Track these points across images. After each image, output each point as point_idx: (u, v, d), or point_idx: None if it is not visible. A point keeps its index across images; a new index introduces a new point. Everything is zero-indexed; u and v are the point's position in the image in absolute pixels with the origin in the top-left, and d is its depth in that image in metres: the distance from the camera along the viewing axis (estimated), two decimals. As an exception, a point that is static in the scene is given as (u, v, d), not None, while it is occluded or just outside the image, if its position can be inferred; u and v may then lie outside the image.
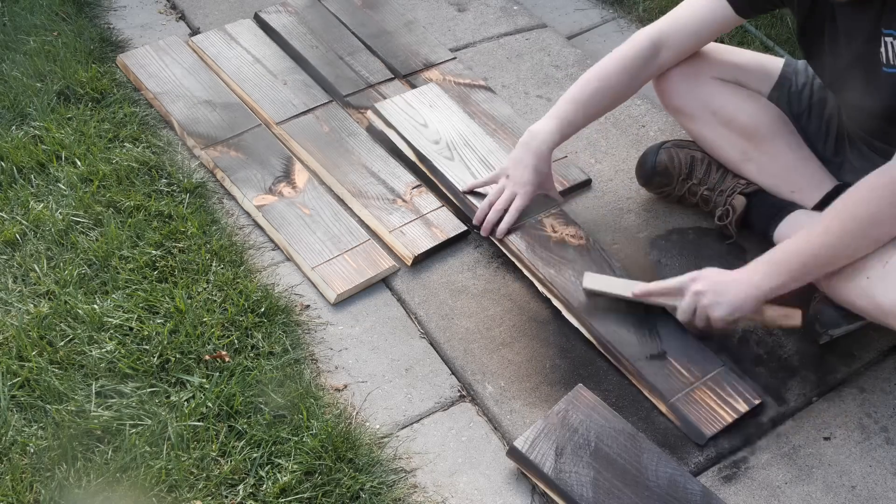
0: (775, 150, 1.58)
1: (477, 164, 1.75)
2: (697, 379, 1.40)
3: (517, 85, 2.05)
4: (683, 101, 1.63)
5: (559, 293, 1.51)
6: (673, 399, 1.37)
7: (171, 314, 1.45)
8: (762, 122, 1.58)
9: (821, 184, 1.56)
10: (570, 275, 1.53)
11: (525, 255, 1.57)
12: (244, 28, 2.13)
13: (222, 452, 1.28)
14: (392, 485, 1.27)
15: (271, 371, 1.39)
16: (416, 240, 1.63)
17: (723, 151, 1.64)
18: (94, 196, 1.66)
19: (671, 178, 1.69)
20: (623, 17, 2.35)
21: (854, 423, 1.40)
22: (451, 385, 1.44)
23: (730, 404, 1.37)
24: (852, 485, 1.32)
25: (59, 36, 2.06)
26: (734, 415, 1.36)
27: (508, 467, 1.32)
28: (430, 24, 2.24)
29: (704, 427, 1.35)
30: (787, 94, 1.61)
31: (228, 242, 1.61)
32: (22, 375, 1.35)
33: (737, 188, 1.63)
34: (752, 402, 1.38)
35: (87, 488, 1.22)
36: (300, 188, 1.73)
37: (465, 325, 1.52)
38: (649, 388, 1.40)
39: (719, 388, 1.40)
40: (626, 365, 1.42)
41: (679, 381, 1.40)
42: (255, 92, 1.94)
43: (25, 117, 1.84)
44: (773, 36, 2.20)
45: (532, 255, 1.57)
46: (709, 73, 1.60)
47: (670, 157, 1.69)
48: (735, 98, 1.59)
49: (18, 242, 1.58)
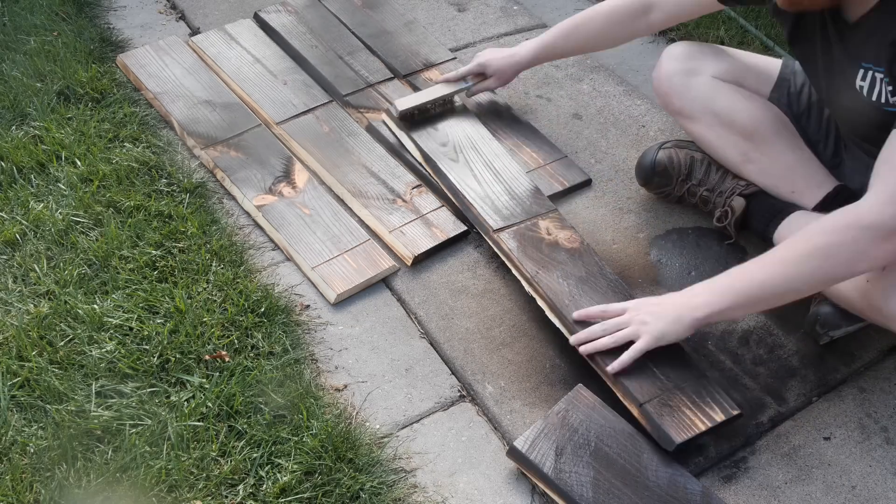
0: (775, 150, 1.58)
1: (482, 167, 1.75)
2: (675, 386, 1.35)
3: (517, 85, 2.05)
4: (683, 102, 1.63)
5: (543, 291, 1.49)
6: (645, 403, 1.32)
7: (171, 314, 1.45)
8: (762, 123, 1.58)
9: (821, 184, 1.56)
10: (558, 276, 1.51)
11: (515, 254, 1.56)
12: (244, 28, 2.13)
13: (222, 452, 1.28)
14: (392, 485, 1.27)
15: (271, 371, 1.39)
16: (416, 240, 1.63)
17: (723, 152, 1.64)
18: (94, 196, 1.66)
19: (670, 178, 1.69)
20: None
21: (854, 423, 1.40)
22: (451, 385, 1.44)
23: (706, 413, 1.32)
24: (852, 485, 1.32)
25: (59, 36, 2.06)
26: (708, 423, 1.31)
27: (508, 467, 1.32)
28: (430, 24, 2.24)
29: (675, 433, 1.29)
30: (786, 95, 1.61)
31: (228, 242, 1.61)
32: (22, 375, 1.35)
33: (736, 189, 1.62)
34: (730, 412, 1.33)
35: (87, 488, 1.22)
36: (300, 188, 1.73)
37: (465, 325, 1.52)
38: (623, 391, 1.34)
39: (697, 396, 1.34)
40: (603, 367, 1.36)
41: (655, 386, 1.34)
42: (255, 92, 1.94)
43: (25, 117, 1.84)
44: (773, 36, 2.21)
45: (522, 255, 1.56)
46: (708, 72, 1.60)
47: (669, 157, 1.69)
48: (735, 99, 1.59)
49: (18, 242, 1.58)
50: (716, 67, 1.61)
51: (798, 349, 1.50)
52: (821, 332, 1.45)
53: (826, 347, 1.49)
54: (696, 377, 1.37)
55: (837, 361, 1.48)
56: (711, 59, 1.61)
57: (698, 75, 1.61)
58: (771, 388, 1.44)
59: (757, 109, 1.59)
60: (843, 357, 1.49)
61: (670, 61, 1.63)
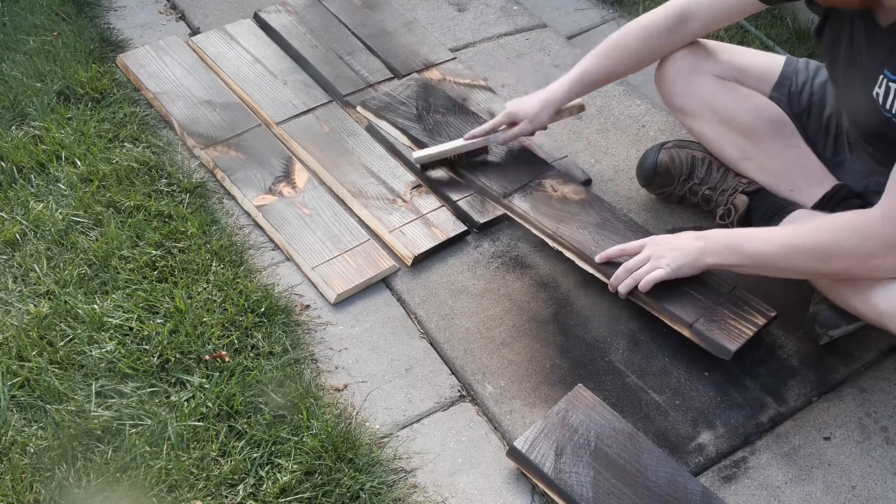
0: (775, 148, 1.58)
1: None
2: (714, 303, 1.45)
3: (517, 85, 2.04)
4: (684, 99, 1.63)
5: (569, 243, 1.56)
6: (694, 323, 1.42)
7: (171, 314, 1.45)
8: (762, 121, 1.58)
9: (820, 183, 1.56)
10: (577, 226, 1.59)
11: (530, 214, 1.62)
12: (244, 28, 2.13)
13: (222, 452, 1.28)
14: (392, 485, 1.27)
15: (271, 371, 1.39)
16: (415, 240, 1.63)
17: (723, 150, 1.64)
18: (94, 196, 1.66)
19: (672, 178, 1.69)
20: (623, 17, 2.35)
21: (854, 423, 1.40)
22: (451, 385, 1.44)
23: (749, 320, 1.43)
24: (852, 485, 1.32)
25: (59, 36, 2.06)
26: (754, 328, 1.42)
27: (508, 467, 1.32)
28: (430, 24, 2.24)
29: (728, 343, 1.39)
30: (787, 93, 1.61)
31: (228, 242, 1.61)
32: (22, 375, 1.35)
33: (738, 187, 1.63)
34: (769, 314, 1.45)
35: (87, 488, 1.22)
36: (300, 188, 1.73)
37: (465, 325, 1.52)
38: (670, 316, 1.44)
39: (736, 307, 1.45)
40: (646, 300, 1.46)
41: (697, 306, 1.45)
42: (255, 92, 1.94)
43: (25, 117, 1.84)
44: (773, 36, 2.20)
45: (537, 214, 1.62)
46: (710, 70, 1.60)
47: (671, 157, 1.69)
48: (735, 96, 1.59)
49: (18, 242, 1.58)
50: (717, 65, 1.60)
51: (798, 349, 1.50)
52: (820, 332, 1.45)
53: (826, 347, 1.49)
54: (728, 291, 1.48)
55: (837, 361, 1.48)
56: (714, 56, 1.61)
57: (700, 73, 1.60)
58: (771, 388, 1.44)
59: (757, 108, 1.59)
60: (843, 357, 1.49)
61: (673, 59, 1.63)
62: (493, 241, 1.67)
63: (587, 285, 1.58)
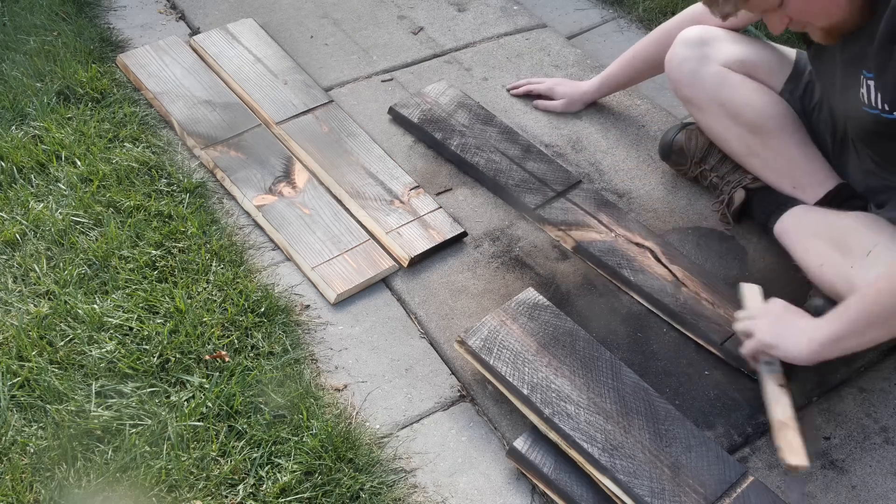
0: (780, 145, 1.58)
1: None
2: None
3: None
4: (692, 90, 1.62)
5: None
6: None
7: (171, 314, 1.45)
8: (768, 118, 1.57)
9: (823, 182, 1.56)
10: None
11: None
12: (246, 28, 2.13)
13: (222, 452, 1.28)
14: (392, 485, 1.27)
15: (271, 371, 1.39)
16: (412, 241, 1.63)
17: (728, 144, 1.64)
18: (94, 196, 1.66)
19: (685, 159, 1.72)
20: (623, 16, 2.35)
21: (854, 423, 1.40)
22: (451, 385, 1.44)
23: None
24: (852, 485, 1.32)
25: (59, 36, 2.06)
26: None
27: (508, 467, 1.32)
28: (431, 23, 2.24)
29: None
30: (802, 87, 1.59)
31: (228, 242, 1.61)
32: (22, 375, 1.35)
33: (743, 182, 1.63)
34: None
35: (87, 488, 1.22)
36: (300, 188, 1.73)
37: (465, 325, 1.52)
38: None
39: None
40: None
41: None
42: (255, 92, 1.94)
43: (25, 117, 1.84)
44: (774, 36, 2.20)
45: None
46: (720, 61, 1.59)
47: (688, 138, 1.72)
48: (743, 91, 1.58)
49: (18, 242, 1.58)
50: (728, 55, 1.59)
51: (798, 349, 1.50)
52: None
53: (826, 347, 1.49)
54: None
55: (837, 361, 1.48)
56: (725, 45, 1.59)
57: (709, 63, 1.59)
58: (771, 388, 1.44)
59: (764, 104, 1.58)
60: (843, 357, 1.49)
61: (683, 47, 1.62)
62: (493, 242, 1.67)
63: (587, 285, 1.58)
